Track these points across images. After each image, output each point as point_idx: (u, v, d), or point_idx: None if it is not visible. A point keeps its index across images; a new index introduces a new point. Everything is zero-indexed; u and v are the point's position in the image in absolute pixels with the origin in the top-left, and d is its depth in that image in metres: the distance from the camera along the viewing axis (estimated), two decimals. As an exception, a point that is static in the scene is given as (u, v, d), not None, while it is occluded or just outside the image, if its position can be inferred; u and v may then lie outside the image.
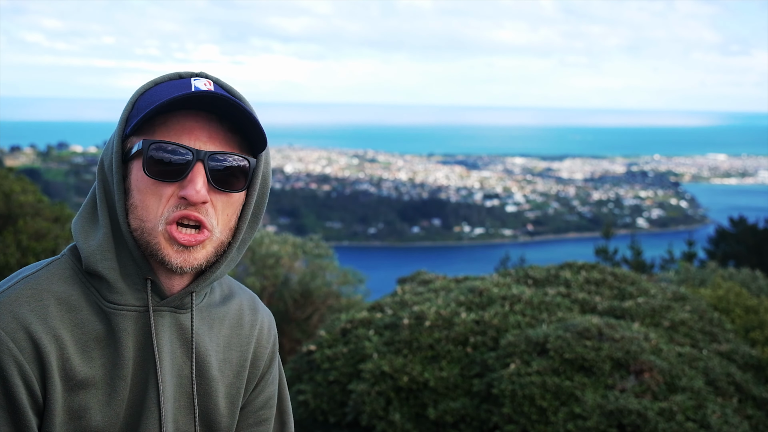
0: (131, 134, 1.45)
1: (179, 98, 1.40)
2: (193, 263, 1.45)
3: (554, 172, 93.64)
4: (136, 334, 1.46)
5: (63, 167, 71.86)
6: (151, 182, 1.42)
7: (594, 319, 5.46)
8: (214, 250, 1.49)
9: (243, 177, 1.48)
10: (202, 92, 1.41)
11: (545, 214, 78.57)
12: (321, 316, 10.44)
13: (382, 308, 6.16)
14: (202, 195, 1.41)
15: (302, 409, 5.51)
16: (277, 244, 10.90)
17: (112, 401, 1.45)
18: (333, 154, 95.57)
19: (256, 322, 1.69)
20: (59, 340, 1.40)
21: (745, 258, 16.55)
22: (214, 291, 1.63)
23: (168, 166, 1.41)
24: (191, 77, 1.50)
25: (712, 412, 4.84)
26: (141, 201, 1.44)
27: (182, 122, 1.44)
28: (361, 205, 76.54)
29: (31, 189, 8.85)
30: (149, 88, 1.49)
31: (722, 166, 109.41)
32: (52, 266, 1.48)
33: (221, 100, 1.41)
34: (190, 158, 1.42)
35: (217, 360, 1.60)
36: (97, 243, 1.46)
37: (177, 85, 1.46)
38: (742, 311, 7.15)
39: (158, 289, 1.48)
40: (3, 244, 7.50)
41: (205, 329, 1.58)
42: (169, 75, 1.51)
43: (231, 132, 1.48)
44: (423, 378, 5.20)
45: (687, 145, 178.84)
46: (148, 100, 1.45)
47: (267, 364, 1.71)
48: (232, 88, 1.53)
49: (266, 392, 1.71)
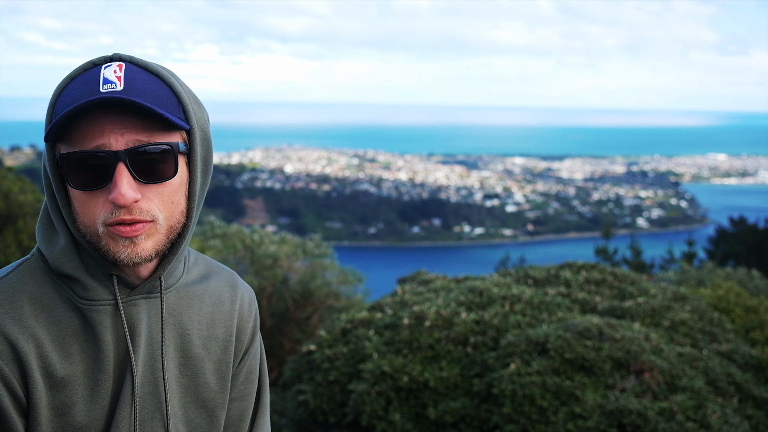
0: (55, 141, 1.41)
1: (82, 106, 1.34)
2: (141, 254, 1.42)
3: (554, 172, 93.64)
4: (112, 327, 1.47)
5: (63, 167, 71.79)
6: (82, 193, 1.40)
7: (594, 319, 5.46)
8: (165, 237, 1.46)
9: (171, 161, 1.42)
10: (104, 98, 1.34)
11: (545, 214, 78.58)
12: (321, 316, 10.44)
13: (382, 308, 6.16)
14: (129, 196, 1.37)
15: (302, 409, 5.51)
16: (277, 244, 10.90)
17: (95, 395, 1.45)
18: (333, 154, 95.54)
19: (236, 297, 1.69)
20: (36, 339, 1.41)
21: (745, 258, 16.55)
22: (191, 271, 1.63)
23: (91, 175, 1.38)
24: (104, 64, 1.43)
25: (713, 412, 4.84)
26: (79, 209, 1.42)
27: (94, 122, 1.38)
28: (361, 205, 76.54)
29: (30, 189, 8.85)
30: (66, 85, 1.44)
31: (722, 166, 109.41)
32: (23, 267, 1.48)
33: (118, 100, 1.35)
34: (108, 161, 1.37)
35: (200, 337, 1.60)
36: (59, 248, 1.46)
37: (87, 80, 1.40)
38: (742, 311, 7.15)
39: (126, 281, 1.48)
40: (3, 244, 7.50)
41: (184, 308, 1.58)
42: (84, 65, 1.45)
43: (149, 118, 1.40)
44: (423, 378, 5.20)
45: (687, 145, 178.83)
46: (63, 102, 1.40)
47: (249, 339, 1.71)
48: (149, 64, 1.45)
49: (248, 366, 1.71)
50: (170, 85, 1.46)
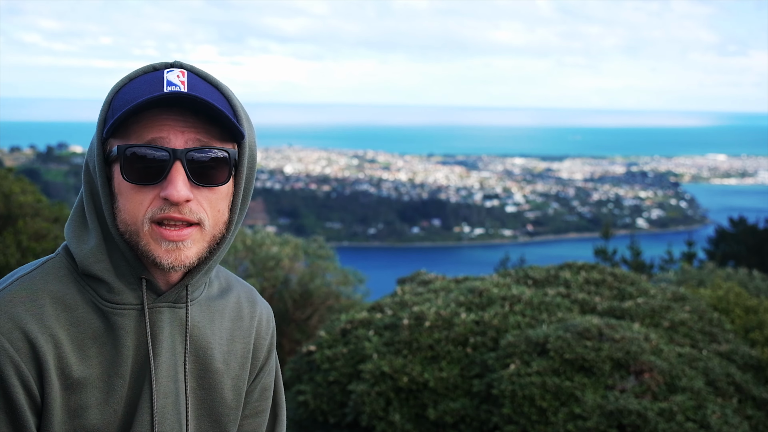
0: (108, 137, 1.43)
1: (150, 100, 1.37)
2: (184, 261, 1.43)
3: (554, 172, 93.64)
4: (134, 332, 1.46)
5: (63, 167, 71.85)
6: (132, 186, 1.40)
7: (594, 319, 5.46)
8: (207, 246, 1.47)
9: (225, 168, 1.44)
10: (171, 93, 1.38)
11: (545, 214, 78.58)
12: (321, 316, 10.44)
13: (382, 309, 6.16)
14: (183, 194, 1.39)
15: (302, 410, 5.51)
16: (278, 245, 10.90)
17: (110, 399, 1.45)
18: (333, 154, 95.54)
19: (255, 313, 1.70)
20: (55, 340, 1.40)
21: (745, 258, 16.56)
22: (212, 284, 1.63)
23: (146, 169, 1.39)
24: (165, 68, 1.46)
25: (712, 412, 4.85)
26: (124, 205, 1.42)
27: (156, 120, 1.41)
28: (361, 205, 76.53)
29: (30, 189, 8.86)
30: (124, 84, 1.46)
31: (722, 167, 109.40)
32: (47, 265, 1.48)
33: (190, 98, 1.38)
34: (167, 158, 1.39)
35: (220, 352, 1.60)
36: (89, 247, 1.46)
37: (150, 80, 1.43)
38: (741, 311, 7.15)
39: (154, 287, 1.48)
40: (3, 244, 7.50)
41: (206, 322, 1.58)
42: (143, 68, 1.47)
43: (208, 124, 1.44)
44: (423, 378, 5.20)
45: (687, 145, 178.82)
46: (123, 99, 1.42)
47: (265, 356, 1.72)
48: (209, 76, 1.48)
49: (263, 384, 1.72)
50: (228, 97, 1.48)
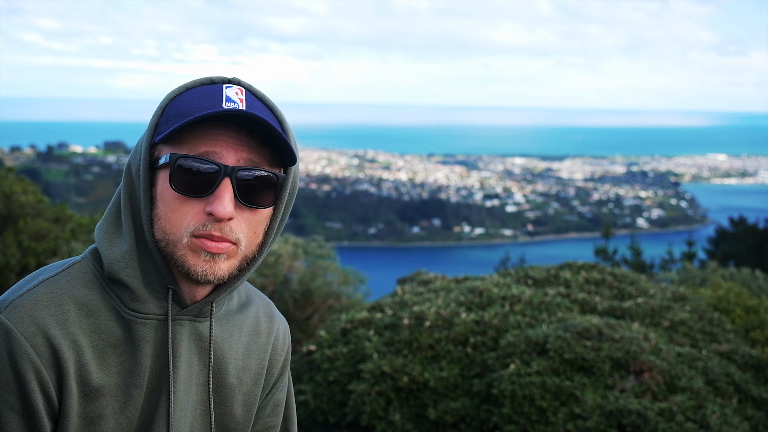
0: (159, 142, 1.43)
1: (211, 115, 1.37)
2: (217, 273, 1.42)
3: (554, 172, 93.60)
4: (154, 343, 1.46)
5: (63, 167, 71.85)
6: (177, 196, 1.40)
7: (594, 319, 5.46)
8: (239, 264, 1.46)
9: (271, 192, 1.45)
10: (231, 111, 1.38)
11: (545, 214, 78.57)
12: (321, 316, 10.45)
13: (382, 308, 6.17)
14: (229, 211, 1.39)
15: (302, 409, 5.52)
16: (278, 243, 10.91)
17: (126, 408, 1.44)
18: (333, 154, 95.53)
19: (272, 329, 1.69)
20: (77, 346, 1.39)
21: (745, 258, 16.56)
22: (232, 298, 1.63)
23: (195, 181, 1.39)
24: (223, 83, 1.46)
25: (712, 412, 4.85)
26: (165, 213, 1.42)
27: (211, 134, 1.41)
28: (361, 205, 76.52)
29: (31, 189, 8.86)
30: (180, 93, 1.46)
31: (722, 166, 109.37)
32: (73, 269, 1.46)
33: (250, 118, 1.38)
34: (217, 173, 1.39)
35: (235, 368, 1.59)
36: (121, 251, 1.45)
37: (208, 93, 1.43)
38: (742, 311, 7.16)
39: (179, 299, 1.47)
40: (3, 244, 7.50)
41: (225, 337, 1.58)
42: (200, 80, 1.47)
43: (261, 145, 1.44)
44: (423, 378, 5.20)
45: (687, 145, 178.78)
46: (178, 108, 1.42)
47: (280, 372, 1.71)
48: (265, 97, 1.49)
49: (275, 399, 1.71)
50: (281, 120, 1.48)
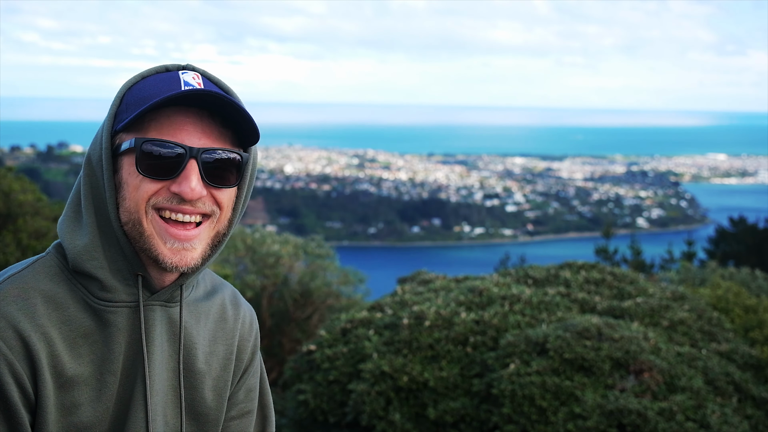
0: (121, 130, 1.45)
1: (172, 97, 1.39)
2: (189, 263, 1.45)
3: (554, 172, 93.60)
4: (127, 330, 1.48)
5: (63, 167, 71.85)
6: (143, 179, 1.42)
7: (593, 318, 5.46)
8: (211, 242, 1.50)
9: (236, 171, 1.48)
10: (193, 90, 1.41)
11: (545, 214, 78.57)
12: (321, 315, 10.44)
13: (382, 308, 6.17)
14: (197, 191, 1.42)
15: (302, 409, 5.51)
16: (278, 244, 10.91)
17: (102, 396, 1.46)
18: (333, 154, 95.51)
19: (239, 315, 1.71)
20: (48, 338, 1.41)
21: (745, 258, 16.56)
22: (198, 286, 1.65)
23: (161, 164, 1.42)
24: (179, 70, 1.49)
25: (712, 411, 4.85)
26: (130, 194, 1.44)
27: (173, 119, 1.43)
28: (361, 205, 76.52)
29: (30, 188, 8.85)
30: (136, 81, 1.48)
31: (722, 166, 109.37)
32: (38, 264, 1.48)
33: (212, 96, 1.41)
34: (183, 155, 1.42)
35: (203, 353, 1.61)
36: (82, 244, 1.46)
37: (165, 79, 1.46)
38: (741, 311, 7.15)
39: (148, 284, 1.49)
40: (3, 243, 7.50)
41: (193, 323, 1.60)
42: (156, 68, 1.50)
43: (223, 126, 1.48)
44: (423, 378, 5.20)
45: (687, 145, 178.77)
46: (138, 95, 1.45)
47: (249, 358, 1.73)
48: (221, 81, 1.52)
49: (248, 385, 1.73)
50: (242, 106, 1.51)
